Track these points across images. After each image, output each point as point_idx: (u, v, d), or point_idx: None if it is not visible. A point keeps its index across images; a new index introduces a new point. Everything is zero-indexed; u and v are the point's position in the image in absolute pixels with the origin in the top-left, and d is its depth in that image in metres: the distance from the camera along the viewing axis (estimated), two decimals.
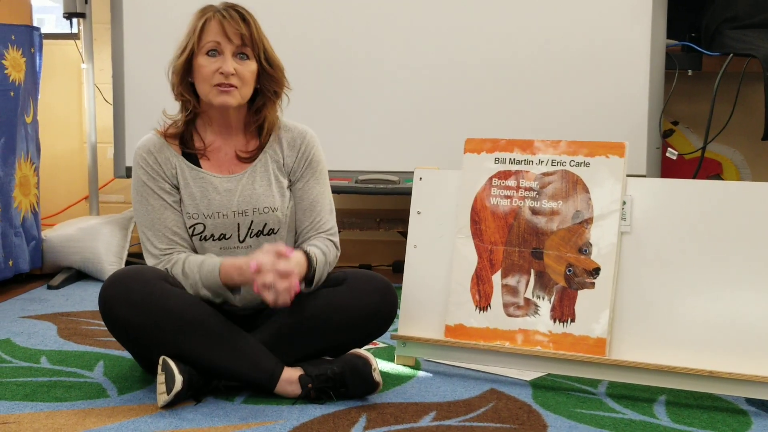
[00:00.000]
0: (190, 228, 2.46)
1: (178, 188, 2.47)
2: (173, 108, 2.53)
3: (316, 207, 2.53)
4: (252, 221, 2.47)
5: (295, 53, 2.47)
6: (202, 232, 2.46)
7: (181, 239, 2.45)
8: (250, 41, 2.41)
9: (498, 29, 3.77)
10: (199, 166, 2.48)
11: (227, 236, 2.47)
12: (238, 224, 2.47)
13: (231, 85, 2.40)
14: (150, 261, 2.46)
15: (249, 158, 2.50)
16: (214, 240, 2.46)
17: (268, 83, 2.47)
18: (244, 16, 2.42)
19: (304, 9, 3.81)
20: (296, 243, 2.54)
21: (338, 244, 2.55)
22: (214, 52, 2.40)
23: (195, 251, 2.48)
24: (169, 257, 2.43)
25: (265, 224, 2.48)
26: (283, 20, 3.71)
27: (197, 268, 2.38)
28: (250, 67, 2.42)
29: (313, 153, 2.55)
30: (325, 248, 2.47)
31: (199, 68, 2.42)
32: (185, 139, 2.50)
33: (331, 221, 2.55)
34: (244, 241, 2.48)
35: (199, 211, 2.45)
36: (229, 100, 2.41)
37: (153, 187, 2.45)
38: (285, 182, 2.52)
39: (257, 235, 2.48)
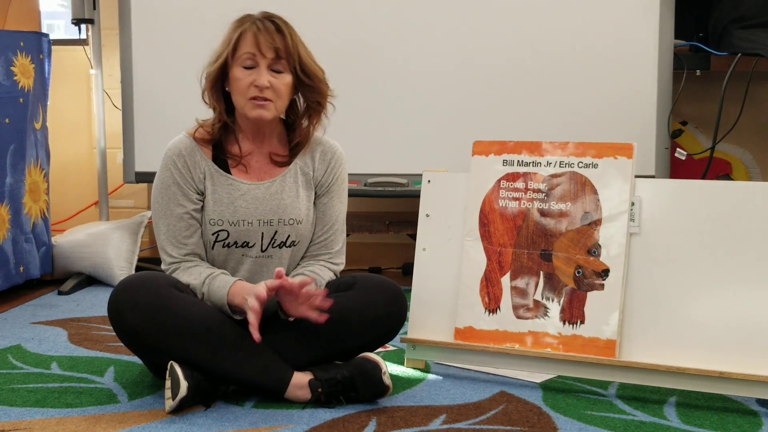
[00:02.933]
0: (213, 234, 2.46)
1: (202, 194, 2.47)
2: (182, 113, 2.52)
3: (333, 226, 2.56)
4: (276, 231, 2.47)
5: None
6: (225, 238, 2.46)
7: (195, 248, 2.46)
8: (285, 54, 2.39)
9: (505, 31, 3.77)
10: (228, 171, 2.48)
11: (250, 244, 2.47)
12: (263, 233, 2.47)
13: (266, 99, 2.39)
14: (163, 258, 2.48)
15: (282, 163, 2.51)
16: (237, 247, 2.47)
17: (309, 94, 2.47)
18: (279, 28, 2.40)
19: (315, 13, 3.82)
20: (303, 255, 2.56)
21: (341, 265, 2.59)
22: (250, 64, 2.39)
23: (208, 259, 2.49)
24: (177, 266, 2.45)
25: (289, 236, 2.49)
26: (294, 24, 3.71)
27: (208, 280, 2.40)
28: (285, 80, 2.41)
29: (341, 170, 2.57)
30: (320, 278, 2.49)
31: (234, 81, 2.41)
32: (219, 145, 2.49)
33: (341, 240, 2.58)
34: (265, 250, 2.48)
35: (224, 218, 2.45)
36: (265, 114, 2.41)
37: (177, 192, 2.45)
38: (312, 195, 2.53)
39: (279, 246, 2.49)
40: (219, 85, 2.46)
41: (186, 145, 2.48)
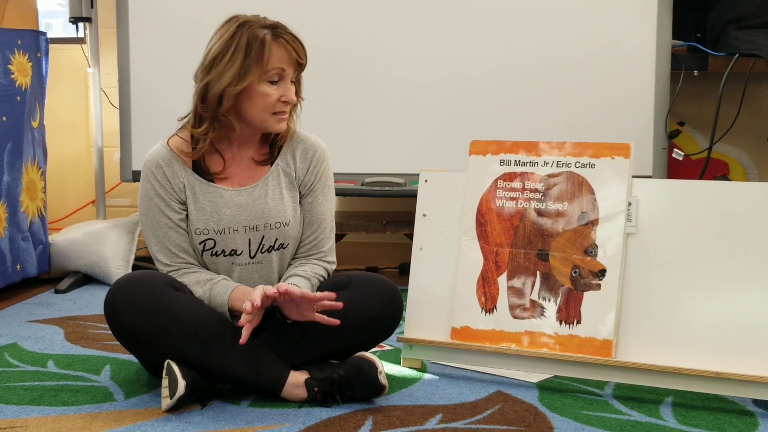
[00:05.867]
0: (200, 244, 2.45)
1: (184, 204, 2.46)
2: (179, 111, 2.50)
3: (322, 224, 2.53)
4: (263, 236, 2.46)
5: None
6: (212, 247, 2.45)
7: (186, 255, 2.45)
8: (303, 66, 2.41)
9: (503, 30, 3.77)
10: (209, 179, 2.47)
11: (238, 252, 2.46)
12: (250, 239, 2.46)
13: (285, 112, 2.41)
14: (159, 267, 2.47)
15: (263, 161, 2.49)
16: (225, 255, 2.46)
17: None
18: (297, 39, 2.38)
19: (311, 12, 3.82)
20: (293, 256, 2.55)
21: (333, 263, 2.57)
22: (277, 79, 2.37)
23: (202, 265, 2.48)
24: (175, 272, 2.44)
25: (276, 239, 2.48)
26: (290, 23, 3.71)
27: (209, 285, 2.40)
28: (295, 89, 2.42)
29: (324, 167, 2.54)
30: (313, 276, 2.48)
31: (260, 96, 2.35)
32: (201, 157, 2.44)
33: (331, 238, 2.56)
34: (254, 256, 2.47)
35: (209, 227, 2.43)
36: (285, 126, 2.43)
37: (159, 204, 2.44)
38: (297, 195, 2.52)
39: (268, 250, 2.48)
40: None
41: (163, 155, 2.45)
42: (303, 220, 2.53)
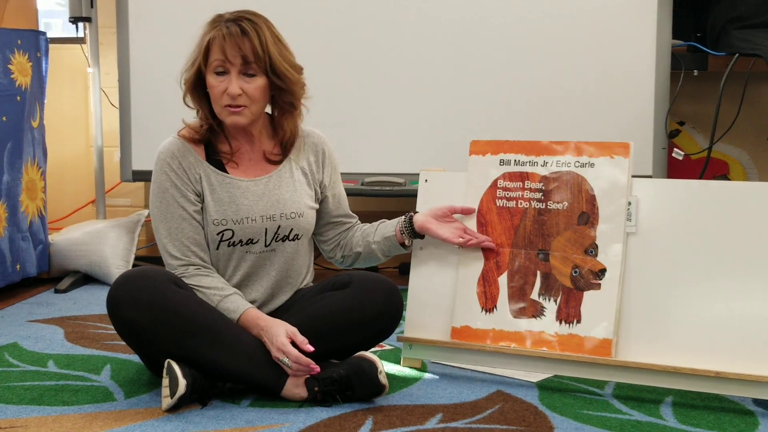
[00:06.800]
0: (218, 234, 2.45)
1: (200, 195, 2.46)
2: (179, 111, 2.51)
3: (346, 200, 2.67)
4: (279, 226, 2.47)
5: (300, 56, 2.47)
6: (230, 238, 2.45)
7: (198, 249, 2.44)
8: (254, 58, 2.35)
9: (503, 30, 3.77)
10: (224, 170, 2.47)
11: (254, 241, 2.47)
12: (266, 229, 2.47)
13: (240, 106, 2.38)
14: (168, 262, 2.46)
15: (277, 161, 2.51)
16: (242, 245, 2.46)
17: (282, 96, 2.43)
18: (245, 31, 2.34)
19: (311, 10, 3.82)
20: (331, 231, 2.65)
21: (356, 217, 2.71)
22: (221, 70, 2.37)
23: (212, 260, 2.48)
24: (185, 269, 2.43)
25: (291, 229, 2.49)
26: (288, 22, 3.70)
27: (218, 297, 2.39)
28: (257, 84, 2.37)
29: (334, 159, 2.62)
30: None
31: (209, 88, 2.40)
32: (210, 144, 2.48)
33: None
34: (269, 245, 2.48)
35: (227, 217, 2.44)
36: (240, 120, 2.40)
37: (175, 195, 2.43)
38: (311, 190, 2.54)
39: (283, 239, 2.49)
40: (199, 88, 2.44)
41: (178, 146, 2.46)
42: (331, 208, 2.61)
